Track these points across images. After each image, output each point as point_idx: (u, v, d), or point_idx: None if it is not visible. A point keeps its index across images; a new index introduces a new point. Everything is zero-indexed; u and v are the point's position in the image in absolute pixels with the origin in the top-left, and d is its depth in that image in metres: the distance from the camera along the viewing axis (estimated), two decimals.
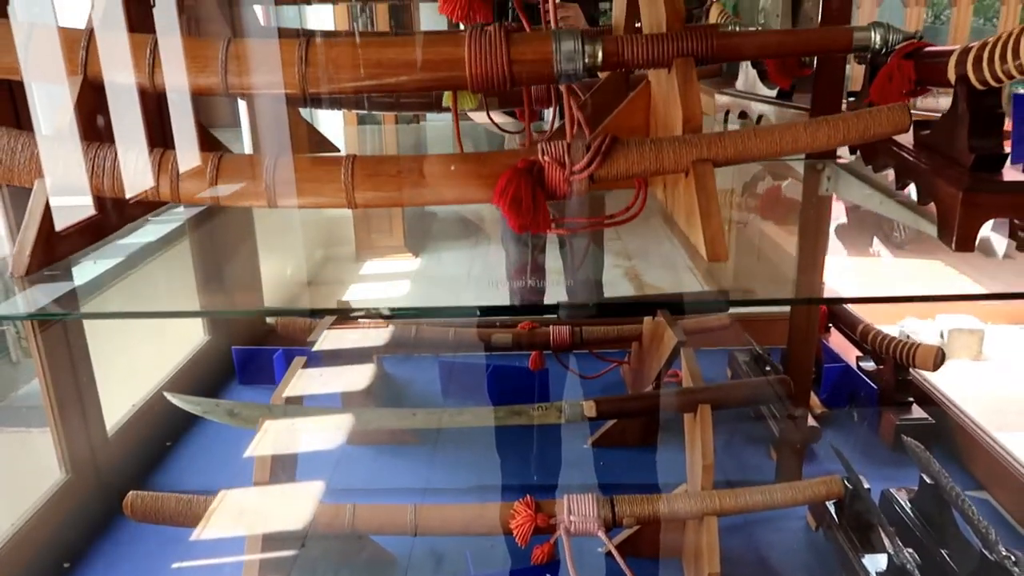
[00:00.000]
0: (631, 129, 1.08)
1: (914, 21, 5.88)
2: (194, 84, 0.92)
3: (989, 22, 6.64)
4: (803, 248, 1.06)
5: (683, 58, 0.90)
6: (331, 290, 3.66)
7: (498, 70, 0.89)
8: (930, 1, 6.04)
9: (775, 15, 4.36)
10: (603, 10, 7.01)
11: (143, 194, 0.86)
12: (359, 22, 3.95)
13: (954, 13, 5.88)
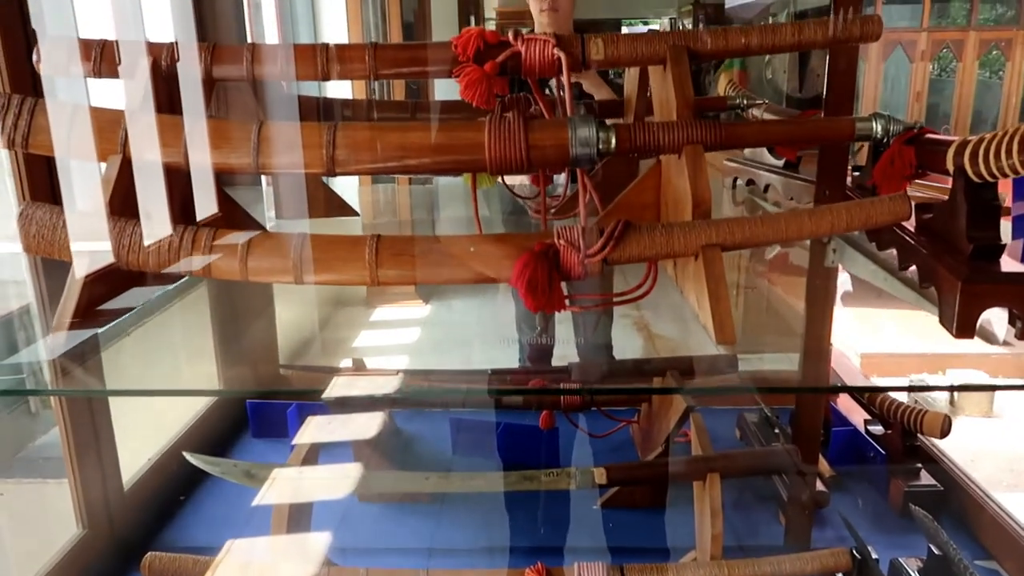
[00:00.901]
0: (642, 206, 1.12)
1: (920, 75, 5.99)
2: (226, 164, 0.97)
3: (995, 75, 6.74)
4: (810, 331, 1.09)
5: (693, 146, 0.95)
6: (342, 336, 3.69)
7: (516, 155, 0.94)
8: (936, 55, 6.16)
9: (782, 71, 4.44)
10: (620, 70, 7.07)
11: (176, 271, 0.90)
12: (375, 89, 4.06)
13: (959, 68, 5.99)
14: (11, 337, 2.04)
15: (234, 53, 1.06)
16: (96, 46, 1.05)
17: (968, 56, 5.80)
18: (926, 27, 5.79)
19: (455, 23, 5.83)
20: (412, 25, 4.95)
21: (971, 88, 5.95)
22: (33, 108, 0.97)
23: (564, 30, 2.05)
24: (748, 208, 1.65)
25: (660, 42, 1.02)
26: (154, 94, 1.04)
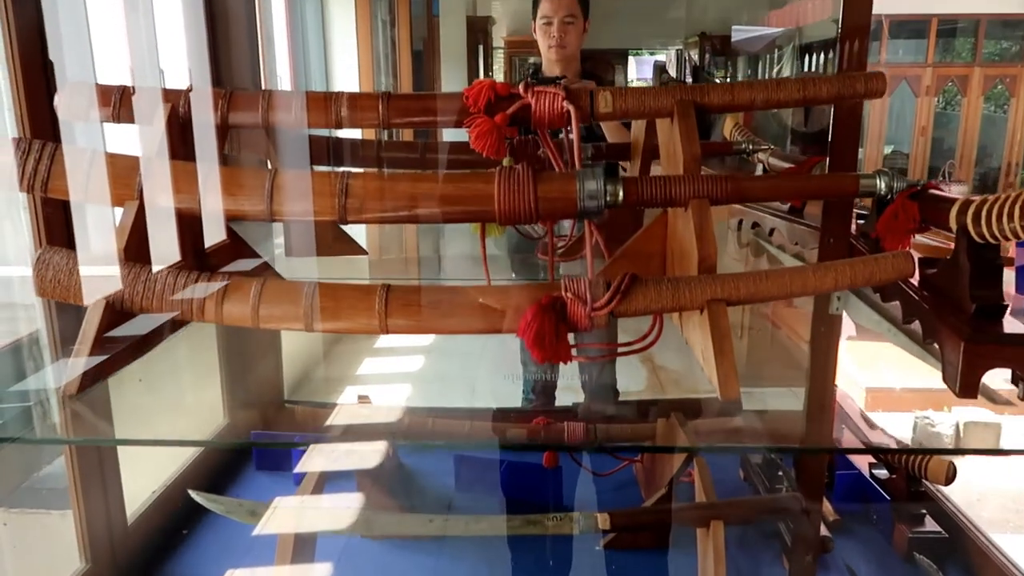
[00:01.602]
0: (648, 254, 1.13)
1: (925, 110, 6.03)
2: (240, 211, 0.99)
3: (1000, 109, 6.79)
4: (814, 380, 1.10)
5: (699, 200, 0.96)
6: (347, 361, 3.70)
7: (525, 207, 0.95)
8: (941, 89, 6.21)
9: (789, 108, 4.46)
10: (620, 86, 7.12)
11: (188, 318, 0.92)
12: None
13: (964, 103, 6.03)
14: (20, 363, 2.05)
15: (249, 100, 1.08)
16: (115, 92, 1.08)
17: (973, 92, 5.85)
18: (931, 63, 5.84)
19: (463, 51, 5.91)
20: (421, 53, 5.02)
21: (976, 123, 5.99)
22: (53, 154, 0.99)
23: (572, 66, 2.07)
24: (753, 250, 1.66)
25: (667, 96, 1.04)
26: (170, 139, 1.06)
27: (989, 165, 6.08)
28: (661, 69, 6.77)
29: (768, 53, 6.27)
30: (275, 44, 3.33)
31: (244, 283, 0.92)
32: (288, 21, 3.11)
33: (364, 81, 4.01)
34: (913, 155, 5.97)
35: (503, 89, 1.04)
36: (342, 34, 3.90)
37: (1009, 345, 0.82)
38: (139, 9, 2.13)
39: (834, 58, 1.39)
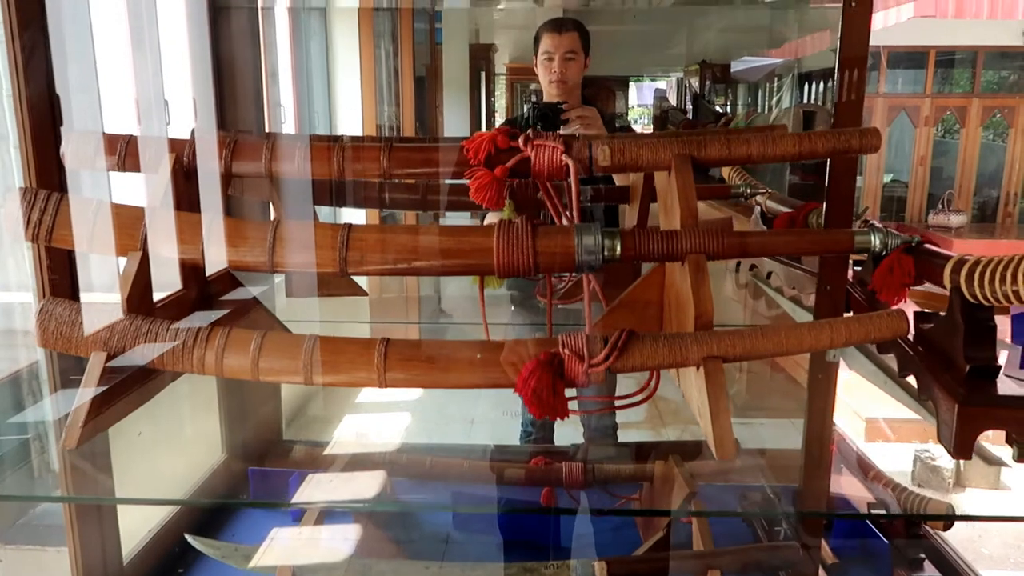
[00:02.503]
0: (645, 303, 1.14)
1: (924, 140, 6.08)
2: (242, 262, 1.00)
3: (999, 138, 6.83)
4: (811, 426, 1.10)
5: (695, 255, 0.97)
6: (345, 390, 3.69)
7: (524, 261, 0.97)
8: (940, 119, 6.25)
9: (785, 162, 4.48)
10: (620, 112, 7.24)
11: (189, 371, 0.92)
12: (385, 127, 4.17)
13: (963, 134, 6.08)
14: (19, 394, 2.05)
15: (253, 149, 1.10)
16: (121, 141, 1.10)
17: (971, 122, 5.89)
18: (929, 94, 5.90)
19: (466, 78, 5.96)
20: (424, 79, 5.07)
21: (975, 153, 6.03)
22: (58, 204, 1.00)
23: (572, 97, 2.10)
24: (751, 292, 1.67)
25: (665, 149, 1.06)
26: (175, 188, 1.08)
27: (988, 194, 6.11)
28: (661, 97, 6.83)
29: (768, 82, 6.32)
30: (279, 72, 3.37)
31: (244, 336, 0.93)
32: (292, 50, 3.14)
33: (367, 108, 4.05)
34: (912, 184, 6.01)
35: (503, 142, 1.06)
36: (346, 63, 3.93)
37: (1003, 407, 0.83)
38: (145, 38, 2.16)
39: (833, 87, 1.41)
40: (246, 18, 1.83)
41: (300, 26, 2.99)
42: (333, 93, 3.97)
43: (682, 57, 6.53)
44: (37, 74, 1.21)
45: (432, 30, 5.14)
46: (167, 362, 0.92)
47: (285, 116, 3.54)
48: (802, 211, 1.47)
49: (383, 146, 1.09)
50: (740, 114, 5.58)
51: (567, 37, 2.12)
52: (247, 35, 2.05)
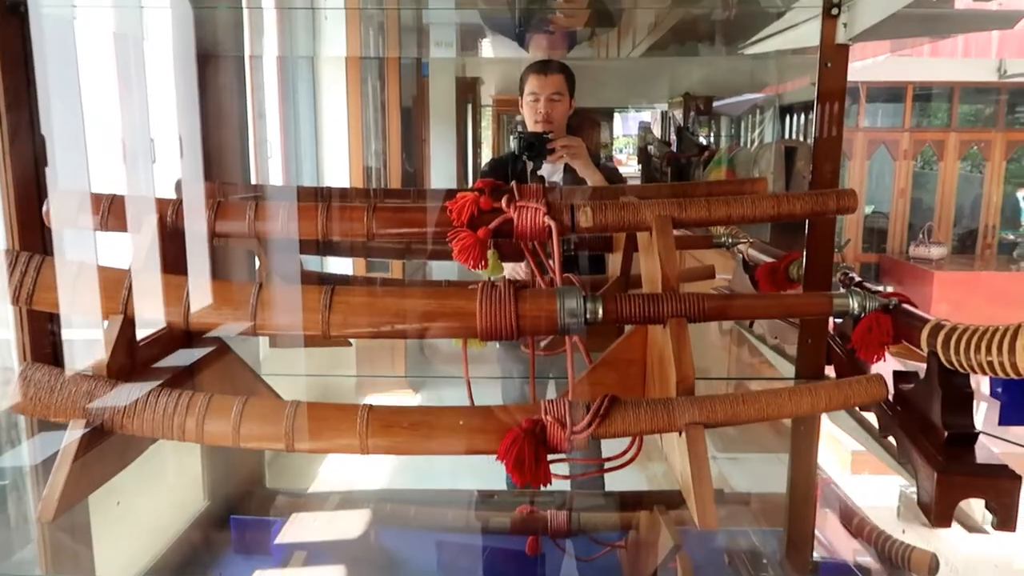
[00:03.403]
0: (628, 362, 1.15)
1: (903, 173, 6.17)
2: (224, 324, 1.00)
3: (976, 169, 6.95)
4: (795, 478, 1.11)
5: (677, 319, 0.98)
6: None
7: (506, 323, 0.97)
8: (918, 152, 6.36)
9: (769, 172, 4.57)
10: (604, 142, 7.25)
11: (170, 436, 0.92)
12: (372, 169, 4.19)
13: (941, 167, 6.18)
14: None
15: (237, 210, 1.10)
16: (105, 200, 1.09)
17: (949, 156, 6.00)
18: (908, 128, 6.00)
19: (452, 110, 6.00)
20: (410, 110, 5.10)
21: (953, 186, 6.13)
22: (40, 266, 1.00)
23: (557, 135, 2.11)
24: (734, 339, 1.68)
25: (646, 211, 1.07)
26: (159, 247, 1.07)
27: (967, 226, 6.20)
28: (646, 129, 6.91)
29: (750, 114, 6.42)
30: (266, 108, 3.39)
31: (225, 402, 0.93)
32: (280, 92, 3.16)
33: (354, 144, 4.07)
34: (893, 216, 6.09)
35: (486, 203, 1.06)
36: (332, 96, 3.95)
37: (983, 476, 0.84)
38: (132, 79, 2.16)
39: (814, 120, 1.43)
40: (233, 66, 1.85)
41: (288, 72, 3.01)
42: (319, 127, 3.98)
43: (666, 89, 6.62)
44: (20, 126, 1.22)
45: (419, 64, 5.18)
46: (147, 429, 0.92)
47: (272, 151, 3.55)
48: (783, 262, 1.48)
49: (367, 206, 1.10)
50: (723, 148, 5.65)
51: (553, 79, 2.14)
52: (234, 74, 2.07)
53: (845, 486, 1.88)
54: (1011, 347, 0.76)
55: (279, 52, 2.19)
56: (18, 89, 1.22)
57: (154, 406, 0.92)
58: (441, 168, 5.57)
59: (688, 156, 5.80)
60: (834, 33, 1.23)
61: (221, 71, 1.89)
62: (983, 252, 5.93)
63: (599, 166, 2.10)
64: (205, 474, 1.91)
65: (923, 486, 0.88)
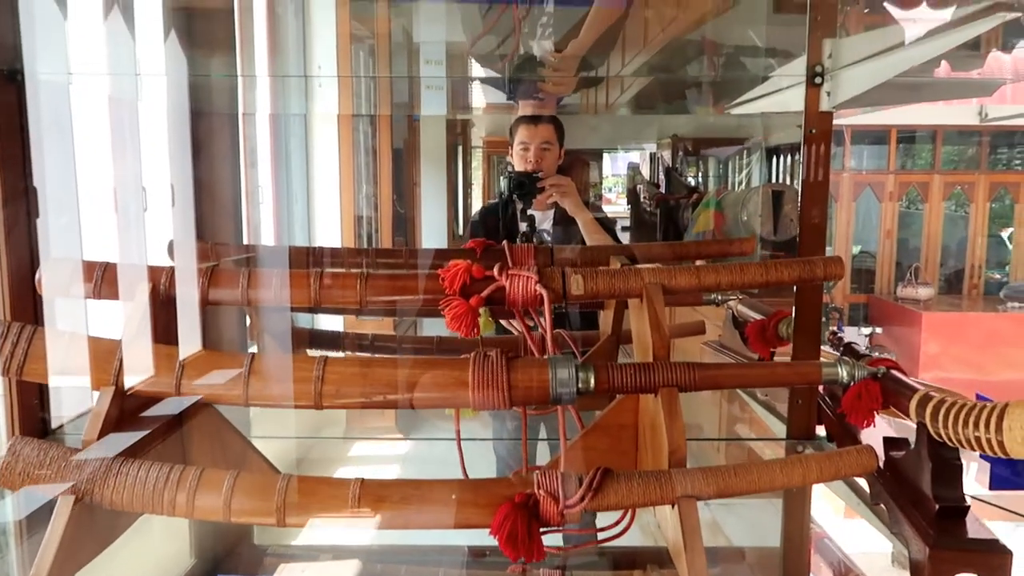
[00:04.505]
0: (620, 426, 1.15)
1: (889, 214, 6.25)
2: (215, 395, 1.00)
3: (961, 209, 7.05)
4: (788, 537, 1.10)
5: (668, 389, 0.99)
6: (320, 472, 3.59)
7: (498, 394, 0.97)
8: (904, 194, 6.45)
9: (757, 215, 4.60)
10: (594, 182, 7.28)
11: (159, 511, 0.91)
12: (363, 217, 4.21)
13: (926, 208, 6.26)
14: None
15: (230, 278, 1.10)
16: (98, 268, 1.10)
17: (934, 197, 6.09)
18: (893, 170, 6.10)
19: (443, 152, 6.06)
20: (401, 151, 5.14)
21: (938, 227, 6.21)
22: (31, 336, 1.00)
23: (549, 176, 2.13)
24: (725, 394, 1.69)
25: (637, 278, 1.08)
26: (151, 316, 1.08)
27: (954, 266, 6.27)
28: (635, 170, 6.98)
29: (737, 156, 6.51)
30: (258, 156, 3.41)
31: (216, 476, 0.92)
32: (272, 140, 3.18)
33: (345, 187, 4.09)
34: (880, 256, 6.15)
35: (478, 272, 1.07)
36: (324, 145, 3.98)
37: (974, 551, 0.84)
38: (125, 133, 2.18)
39: (800, 169, 1.45)
40: (226, 122, 1.86)
41: (280, 127, 3.04)
42: (311, 172, 4.00)
43: (654, 132, 6.71)
44: (15, 193, 1.22)
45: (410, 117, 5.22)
46: (136, 504, 0.91)
47: (264, 196, 3.56)
48: (772, 319, 1.49)
49: (360, 275, 1.10)
50: (711, 191, 5.71)
51: (543, 129, 2.17)
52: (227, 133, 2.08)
53: (839, 531, 1.87)
54: (998, 425, 0.76)
55: (272, 110, 2.22)
56: (13, 156, 1.24)
57: (144, 480, 0.92)
58: (432, 210, 5.60)
59: (677, 198, 5.85)
60: (818, 101, 1.25)
61: (214, 127, 1.91)
62: (970, 292, 5.99)
63: (588, 205, 2.12)
64: (192, 531, 1.88)
65: (915, 558, 0.88)
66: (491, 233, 2.33)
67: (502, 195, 2.11)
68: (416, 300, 1.11)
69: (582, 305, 1.63)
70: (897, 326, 5.57)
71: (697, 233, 5.05)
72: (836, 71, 1.20)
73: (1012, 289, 5.71)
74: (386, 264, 1.49)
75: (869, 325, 5.52)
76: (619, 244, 2.10)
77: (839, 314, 5.46)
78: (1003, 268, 6.49)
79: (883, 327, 5.46)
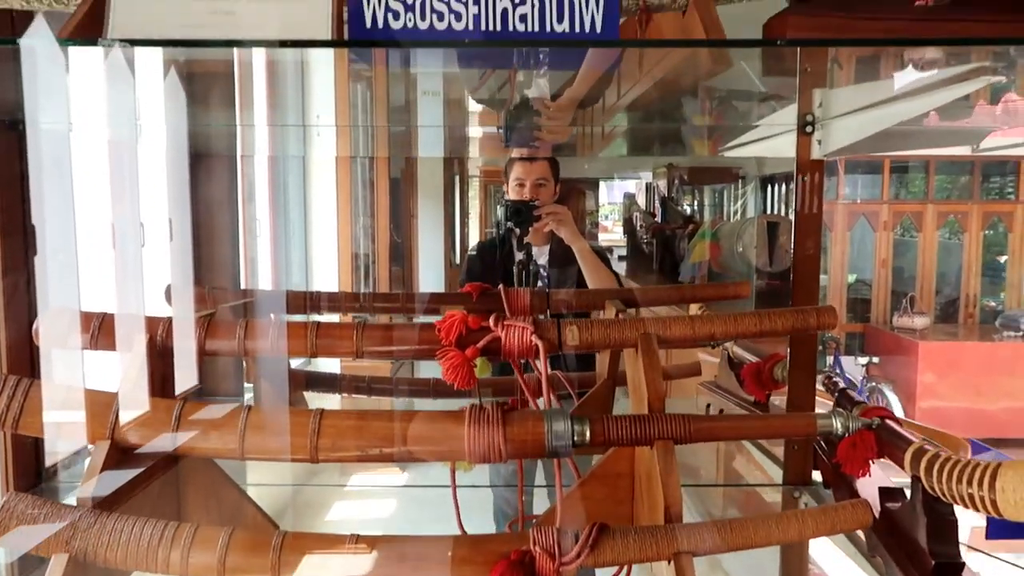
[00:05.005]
0: (617, 475, 1.15)
1: (884, 244, 6.28)
2: (211, 448, 1.00)
3: (955, 236, 7.09)
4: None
5: (663, 442, 0.99)
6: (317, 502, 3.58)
7: (494, 448, 0.97)
8: (898, 223, 6.49)
9: (752, 246, 4.62)
10: (590, 210, 7.29)
11: (153, 569, 0.91)
12: (363, 263, 4.23)
13: (920, 238, 6.30)
14: None
15: (227, 329, 1.11)
16: (96, 319, 1.10)
17: (928, 227, 6.13)
18: (887, 200, 6.14)
19: (440, 182, 6.09)
20: (399, 180, 5.18)
21: (933, 256, 6.24)
22: (28, 390, 1.00)
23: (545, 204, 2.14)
24: None
25: (632, 329, 1.09)
26: (148, 368, 1.08)
27: (949, 295, 6.29)
28: (631, 199, 7.03)
29: (733, 184, 6.56)
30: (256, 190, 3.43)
31: (211, 533, 0.92)
32: (271, 174, 3.20)
33: (343, 220, 4.12)
34: (875, 286, 6.17)
35: (474, 323, 1.08)
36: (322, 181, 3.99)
37: None
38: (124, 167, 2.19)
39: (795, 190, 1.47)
40: (226, 163, 1.88)
41: (279, 168, 3.06)
42: (308, 206, 4.02)
43: (650, 160, 6.76)
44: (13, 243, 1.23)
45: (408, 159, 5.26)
46: (131, 562, 0.91)
47: (261, 230, 3.57)
48: (768, 362, 1.50)
49: (356, 325, 1.11)
50: (707, 221, 5.74)
51: (538, 166, 2.19)
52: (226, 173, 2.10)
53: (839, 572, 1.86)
54: (991, 485, 0.77)
55: (271, 153, 2.24)
56: (12, 205, 1.25)
57: (138, 537, 0.91)
58: (429, 241, 5.63)
59: (673, 228, 5.89)
60: (809, 149, 1.27)
61: (213, 168, 1.93)
62: (966, 321, 6.00)
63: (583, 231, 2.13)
64: None
65: None
66: (487, 268, 2.34)
67: (499, 224, 2.12)
68: (412, 351, 1.11)
69: (573, 306, 1.63)
70: (894, 355, 5.57)
71: (693, 263, 5.09)
72: (827, 120, 1.22)
73: (1007, 318, 5.72)
74: (383, 308, 1.50)
75: (865, 354, 5.52)
76: (613, 273, 2.12)
77: (836, 344, 5.47)
78: (998, 295, 6.51)
79: (880, 356, 5.47)
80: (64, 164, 1.45)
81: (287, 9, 0.72)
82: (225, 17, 0.73)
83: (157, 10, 0.77)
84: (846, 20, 0.81)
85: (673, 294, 1.53)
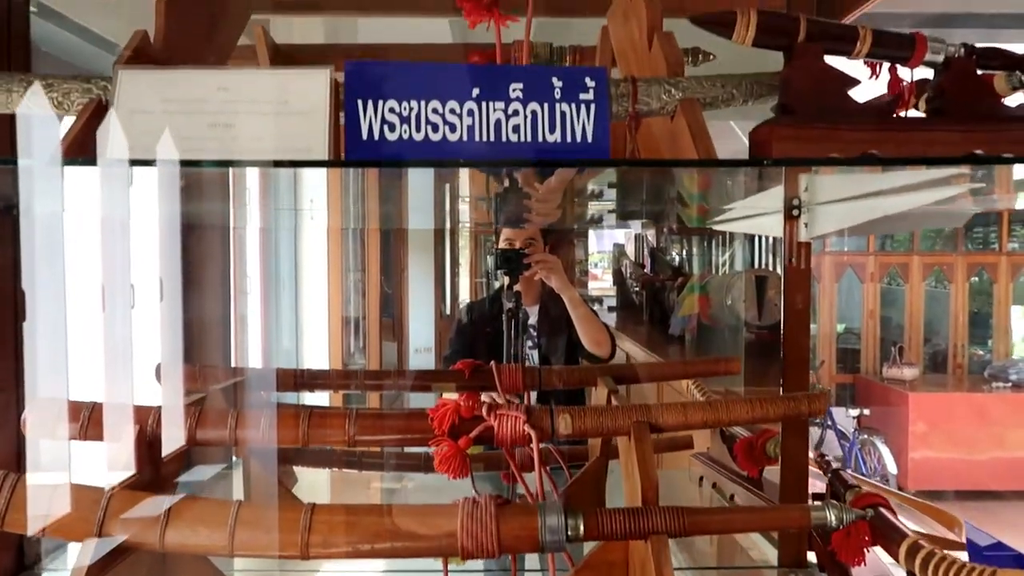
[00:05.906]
0: (610, 564, 1.13)
1: (871, 295, 6.34)
2: (201, 545, 0.98)
3: (941, 284, 7.16)
4: None
5: (657, 536, 0.98)
6: None
7: (487, 543, 0.96)
8: (884, 275, 6.56)
9: (741, 300, 4.64)
10: (579, 259, 7.30)
11: None
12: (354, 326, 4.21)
13: (907, 288, 6.36)
14: None
15: (218, 418, 1.10)
16: (85, 409, 1.10)
17: (914, 278, 6.19)
18: (873, 251, 6.22)
19: (431, 233, 6.11)
20: (389, 234, 5.19)
21: (920, 307, 6.29)
22: (14, 485, 0.99)
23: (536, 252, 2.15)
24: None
25: (624, 417, 1.09)
26: (138, 459, 1.07)
27: (937, 344, 6.32)
28: (620, 250, 7.08)
29: (721, 236, 6.63)
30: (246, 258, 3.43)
31: None
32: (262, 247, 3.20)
33: (333, 268, 4.13)
34: (864, 336, 6.21)
35: (467, 412, 1.08)
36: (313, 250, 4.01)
37: None
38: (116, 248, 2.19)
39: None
40: (218, 234, 1.89)
41: (270, 239, 3.07)
42: (298, 262, 4.02)
43: (639, 211, 6.81)
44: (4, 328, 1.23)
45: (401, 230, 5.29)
46: None
47: (251, 287, 3.56)
48: (760, 438, 1.50)
49: (348, 414, 1.11)
50: (696, 274, 5.78)
51: (528, 229, 2.22)
52: (218, 243, 2.11)
53: None
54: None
55: (262, 224, 2.26)
56: (4, 288, 1.25)
57: None
58: (419, 291, 5.63)
59: (663, 279, 5.93)
60: (795, 232, 1.29)
61: (205, 236, 1.94)
62: (955, 371, 6.03)
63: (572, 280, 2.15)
64: None
65: None
66: (476, 327, 2.36)
67: (488, 274, 2.13)
68: (404, 440, 1.11)
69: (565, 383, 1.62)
70: (884, 406, 5.58)
71: (683, 316, 5.10)
72: (812, 205, 1.25)
73: (995, 368, 5.76)
74: (374, 386, 1.50)
75: (856, 406, 5.52)
76: (603, 325, 2.13)
77: (827, 421, 5.47)
78: (985, 344, 6.55)
79: (870, 407, 5.46)
80: (57, 243, 1.46)
81: (285, 122, 0.74)
82: (224, 130, 0.75)
83: (156, 124, 0.78)
84: (829, 131, 0.83)
85: (664, 370, 1.53)
